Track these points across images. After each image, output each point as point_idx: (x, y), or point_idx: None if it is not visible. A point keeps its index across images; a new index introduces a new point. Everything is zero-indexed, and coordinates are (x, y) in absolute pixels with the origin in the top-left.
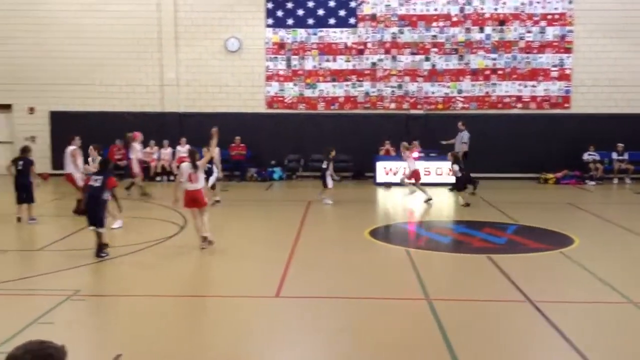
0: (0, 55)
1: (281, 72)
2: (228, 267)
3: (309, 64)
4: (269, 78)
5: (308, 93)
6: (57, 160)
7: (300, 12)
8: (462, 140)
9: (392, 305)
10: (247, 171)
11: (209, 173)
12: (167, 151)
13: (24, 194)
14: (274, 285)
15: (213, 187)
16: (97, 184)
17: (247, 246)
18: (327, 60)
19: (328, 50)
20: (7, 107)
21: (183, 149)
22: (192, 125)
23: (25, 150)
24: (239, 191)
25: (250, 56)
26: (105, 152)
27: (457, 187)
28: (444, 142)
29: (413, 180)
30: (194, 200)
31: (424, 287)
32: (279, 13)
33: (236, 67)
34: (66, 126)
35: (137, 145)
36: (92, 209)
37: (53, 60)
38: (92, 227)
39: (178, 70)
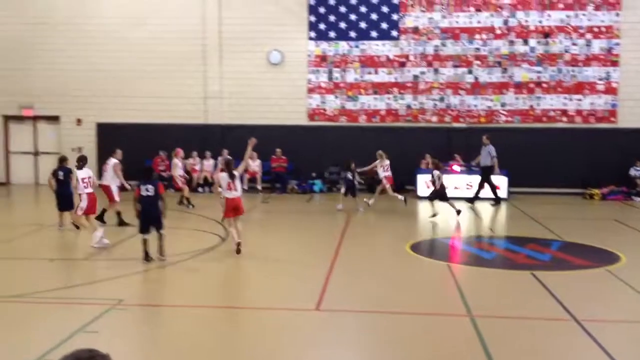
0: (51, 68)
1: (323, 85)
2: (268, 279)
3: (351, 77)
4: (310, 90)
5: (349, 106)
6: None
7: (343, 25)
8: (490, 154)
9: (433, 321)
10: (288, 183)
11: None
12: (209, 162)
13: (65, 202)
14: (314, 297)
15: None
16: (150, 192)
17: (287, 257)
18: (369, 73)
19: (370, 62)
20: (55, 119)
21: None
22: (234, 137)
23: (63, 159)
24: (279, 203)
25: (292, 69)
26: (148, 163)
27: (430, 197)
28: (473, 163)
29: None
30: (235, 209)
31: (466, 302)
32: (321, 26)
33: (278, 79)
34: (111, 137)
35: (178, 162)
36: (153, 217)
37: (100, 73)
38: (161, 231)
39: (221, 83)
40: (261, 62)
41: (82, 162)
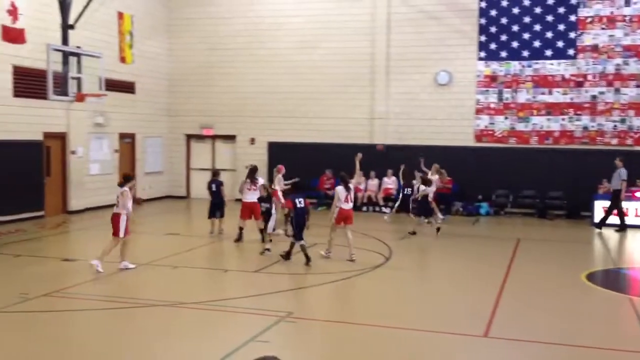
0: (228, 91)
1: (492, 105)
2: (432, 301)
3: (522, 97)
4: (478, 111)
5: (520, 127)
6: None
7: (515, 44)
8: (620, 177)
9: (610, 356)
10: (453, 205)
11: (268, 214)
12: (373, 182)
13: (218, 210)
14: (482, 323)
15: (270, 229)
16: (302, 204)
17: (452, 281)
18: (542, 93)
19: (543, 82)
20: (232, 138)
21: (389, 181)
22: (398, 158)
23: (216, 173)
24: (444, 225)
25: (460, 89)
26: (315, 182)
27: (420, 212)
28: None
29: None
30: (346, 218)
31: None
32: (492, 46)
33: (446, 100)
34: (282, 156)
35: (281, 178)
36: (302, 225)
37: (271, 94)
38: (302, 242)
39: (388, 104)
40: (428, 83)
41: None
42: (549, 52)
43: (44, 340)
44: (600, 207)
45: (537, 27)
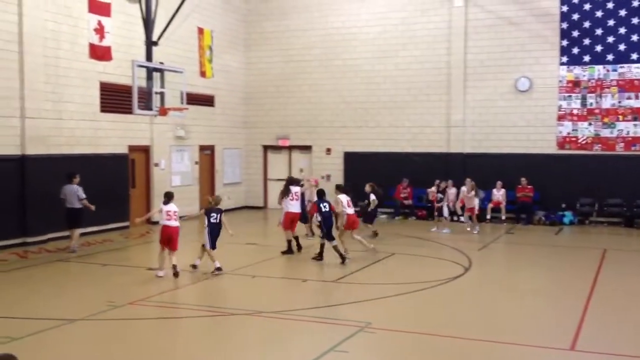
0: (304, 102)
1: (575, 111)
2: (515, 312)
3: (607, 102)
4: (560, 118)
5: (605, 133)
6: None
7: (599, 48)
8: None
9: None
10: (534, 214)
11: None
12: (451, 191)
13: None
14: (568, 336)
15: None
16: (327, 208)
17: (535, 291)
18: (628, 98)
19: (629, 87)
20: (307, 148)
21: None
22: (476, 166)
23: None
24: (525, 234)
25: (540, 95)
26: (391, 191)
27: (366, 219)
28: None
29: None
30: (354, 222)
31: None
32: (575, 50)
33: (525, 107)
34: (357, 166)
35: (313, 190)
36: (331, 226)
37: (348, 104)
38: (333, 242)
39: (465, 112)
40: (507, 90)
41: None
42: (634, 56)
43: (130, 348)
44: None
45: (622, 30)
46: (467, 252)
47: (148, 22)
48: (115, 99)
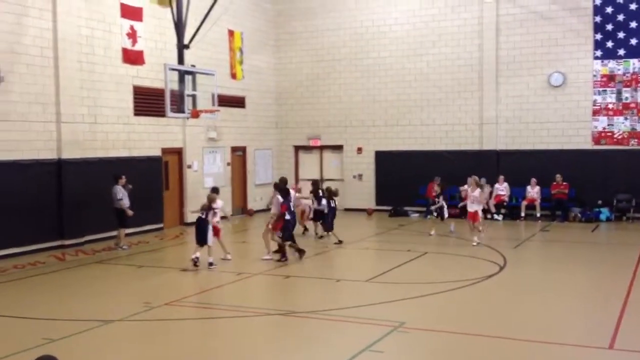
0: (334, 101)
1: (610, 106)
2: (551, 311)
3: None
4: (595, 112)
5: None
6: (380, 197)
7: (634, 41)
8: None
9: None
10: (570, 211)
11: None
12: (485, 190)
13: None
14: (606, 335)
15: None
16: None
17: (571, 290)
18: None
19: None
20: (339, 148)
21: (501, 187)
22: (509, 163)
23: (317, 184)
24: (560, 232)
25: (575, 90)
26: (423, 189)
27: (327, 227)
28: None
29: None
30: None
31: None
32: (609, 44)
33: (559, 102)
34: (389, 165)
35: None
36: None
37: (378, 103)
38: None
39: (498, 108)
40: (540, 85)
41: None
42: None
43: (167, 348)
44: None
45: None
46: (501, 250)
47: (179, 26)
48: (148, 102)
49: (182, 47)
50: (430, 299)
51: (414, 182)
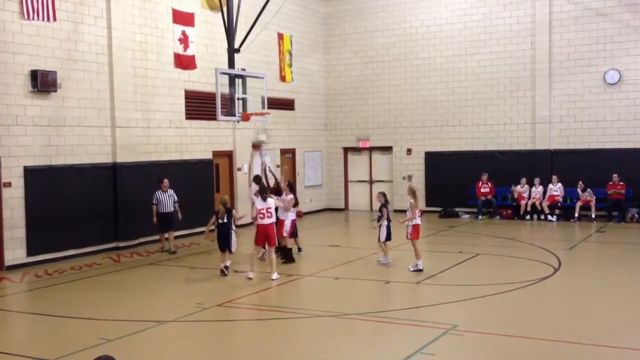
0: (383, 102)
1: None
2: (607, 314)
3: None
4: None
5: None
6: (431, 198)
7: None
8: None
9: None
10: (627, 212)
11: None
12: (538, 189)
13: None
14: None
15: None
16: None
17: (627, 293)
18: None
19: None
20: (388, 149)
21: (555, 187)
22: (563, 163)
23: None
24: (617, 233)
25: (631, 88)
26: (473, 190)
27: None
28: None
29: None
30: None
31: None
32: None
33: (615, 100)
34: (438, 165)
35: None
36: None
37: (428, 104)
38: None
39: (551, 107)
40: (595, 83)
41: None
42: None
43: (219, 348)
44: None
45: None
46: (556, 252)
47: (230, 30)
48: (199, 106)
49: (232, 51)
50: (483, 301)
51: (464, 183)
